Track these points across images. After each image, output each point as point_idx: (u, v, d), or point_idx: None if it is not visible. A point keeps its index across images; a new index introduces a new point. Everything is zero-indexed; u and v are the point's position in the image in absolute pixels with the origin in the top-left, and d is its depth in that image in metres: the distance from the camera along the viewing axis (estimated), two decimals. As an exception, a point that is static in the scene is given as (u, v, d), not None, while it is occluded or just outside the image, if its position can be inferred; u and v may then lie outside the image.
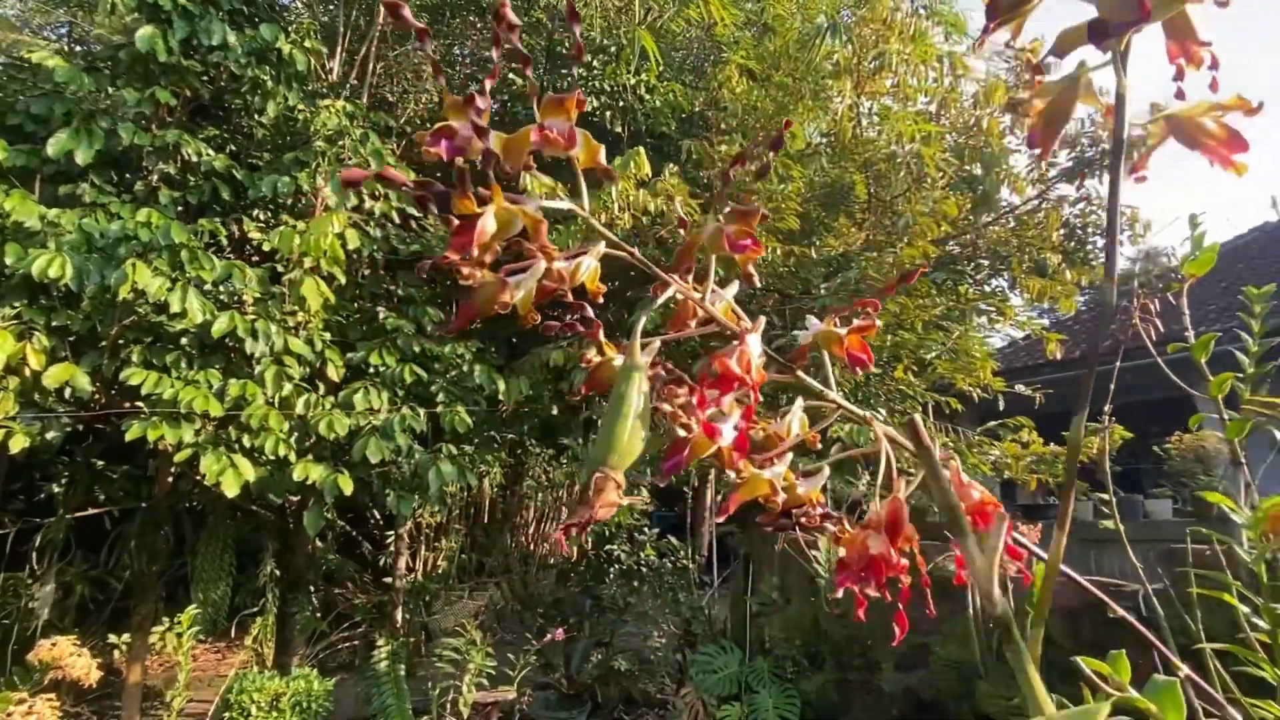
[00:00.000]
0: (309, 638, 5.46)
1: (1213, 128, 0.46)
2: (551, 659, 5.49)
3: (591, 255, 0.48)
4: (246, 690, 3.48)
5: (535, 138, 0.47)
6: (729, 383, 0.44)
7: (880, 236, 6.70)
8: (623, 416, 0.41)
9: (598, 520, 0.40)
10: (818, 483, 0.53)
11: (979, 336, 6.95)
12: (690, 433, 0.43)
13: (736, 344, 0.44)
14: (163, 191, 4.57)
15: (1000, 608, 0.41)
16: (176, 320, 3.98)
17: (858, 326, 0.53)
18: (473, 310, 0.45)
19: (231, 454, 3.89)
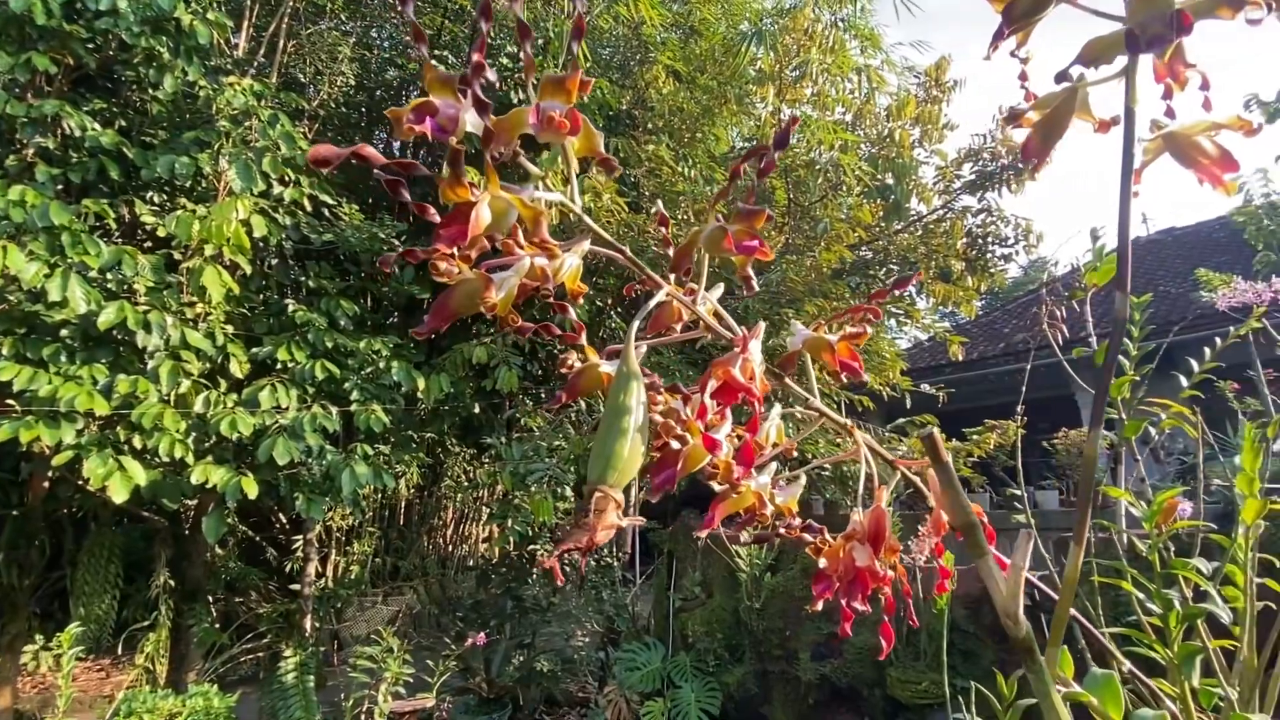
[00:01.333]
0: (207, 651, 5.10)
1: (1208, 147, 0.47)
2: (471, 663, 5.37)
3: (575, 253, 0.46)
4: (136, 711, 3.21)
5: (532, 120, 0.42)
6: (733, 393, 0.42)
7: (799, 240, 6.92)
8: (622, 431, 0.38)
9: (597, 544, 0.38)
10: (795, 492, 0.54)
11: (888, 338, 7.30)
12: (684, 444, 0.42)
13: (739, 352, 0.43)
14: (40, 168, 4.15)
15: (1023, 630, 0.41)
16: (56, 310, 3.63)
17: (850, 334, 0.53)
18: (449, 309, 0.42)
19: (120, 456, 3.58)
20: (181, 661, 4.98)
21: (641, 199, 7.05)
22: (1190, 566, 0.95)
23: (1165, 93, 0.46)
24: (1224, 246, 10.42)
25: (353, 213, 5.31)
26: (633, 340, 0.43)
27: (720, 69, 7.51)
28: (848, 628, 0.51)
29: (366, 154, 0.40)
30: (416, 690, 4.18)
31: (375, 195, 7.53)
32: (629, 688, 4.53)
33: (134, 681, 4.64)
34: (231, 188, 4.33)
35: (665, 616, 5.19)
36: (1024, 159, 0.46)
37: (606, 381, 0.44)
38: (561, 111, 0.41)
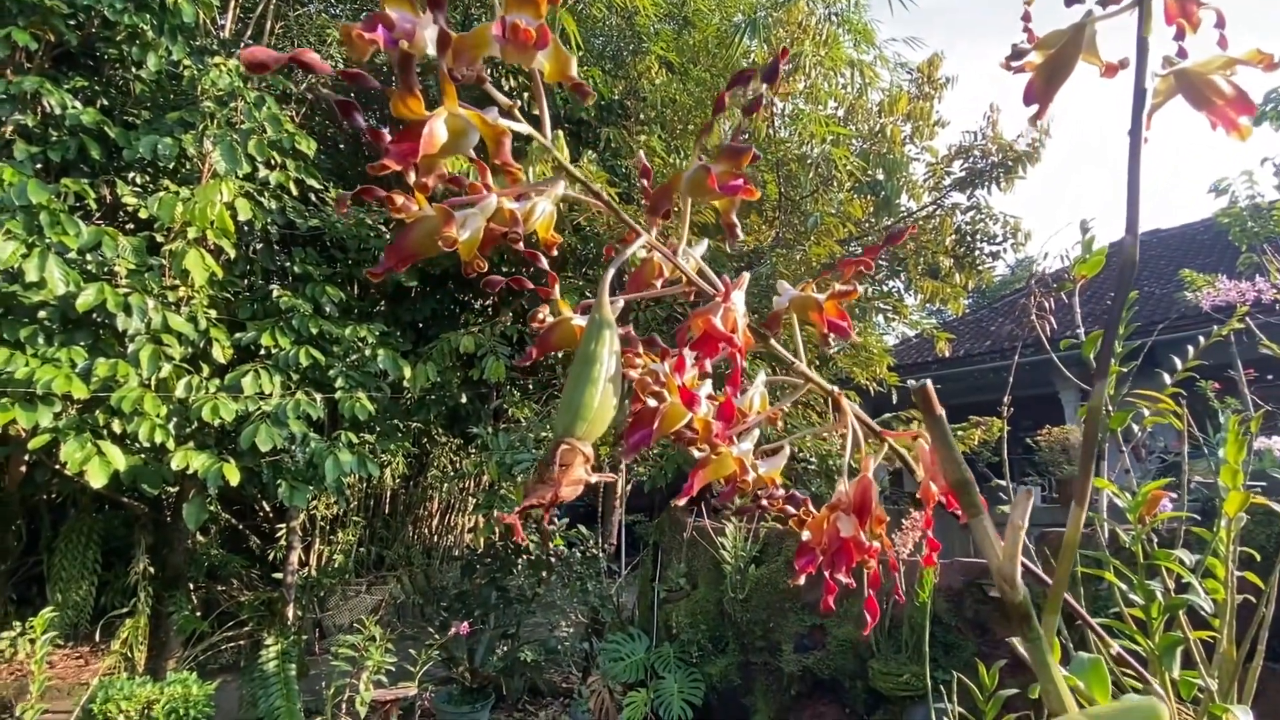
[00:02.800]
0: (187, 639, 5.06)
1: (1224, 86, 0.44)
2: (455, 653, 5.36)
3: (548, 198, 0.43)
4: (113, 699, 3.17)
5: (496, 31, 0.39)
6: (713, 344, 0.41)
7: (790, 234, 6.92)
8: (592, 380, 0.36)
9: (562, 500, 0.36)
10: (778, 464, 0.53)
11: (876, 334, 7.33)
12: (661, 402, 0.40)
13: (720, 301, 0.42)
14: (18, 145, 4.07)
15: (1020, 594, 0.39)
16: (33, 291, 3.56)
17: (839, 292, 0.51)
18: (407, 248, 0.40)
19: (99, 440, 3.52)
20: (161, 649, 4.93)
21: (633, 190, 7.02)
22: (1174, 558, 0.95)
23: (1178, 33, 0.44)
24: (1208, 248, 10.54)
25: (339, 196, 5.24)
26: (606, 286, 0.42)
27: (714, 61, 7.48)
28: (830, 600, 0.50)
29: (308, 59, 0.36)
30: (399, 679, 4.17)
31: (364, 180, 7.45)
32: (612, 678, 4.54)
33: (112, 668, 4.59)
34: (216, 170, 4.27)
35: (650, 608, 5.20)
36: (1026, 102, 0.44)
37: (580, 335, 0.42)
38: (530, 23, 0.38)
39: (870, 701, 3.45)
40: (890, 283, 7.54)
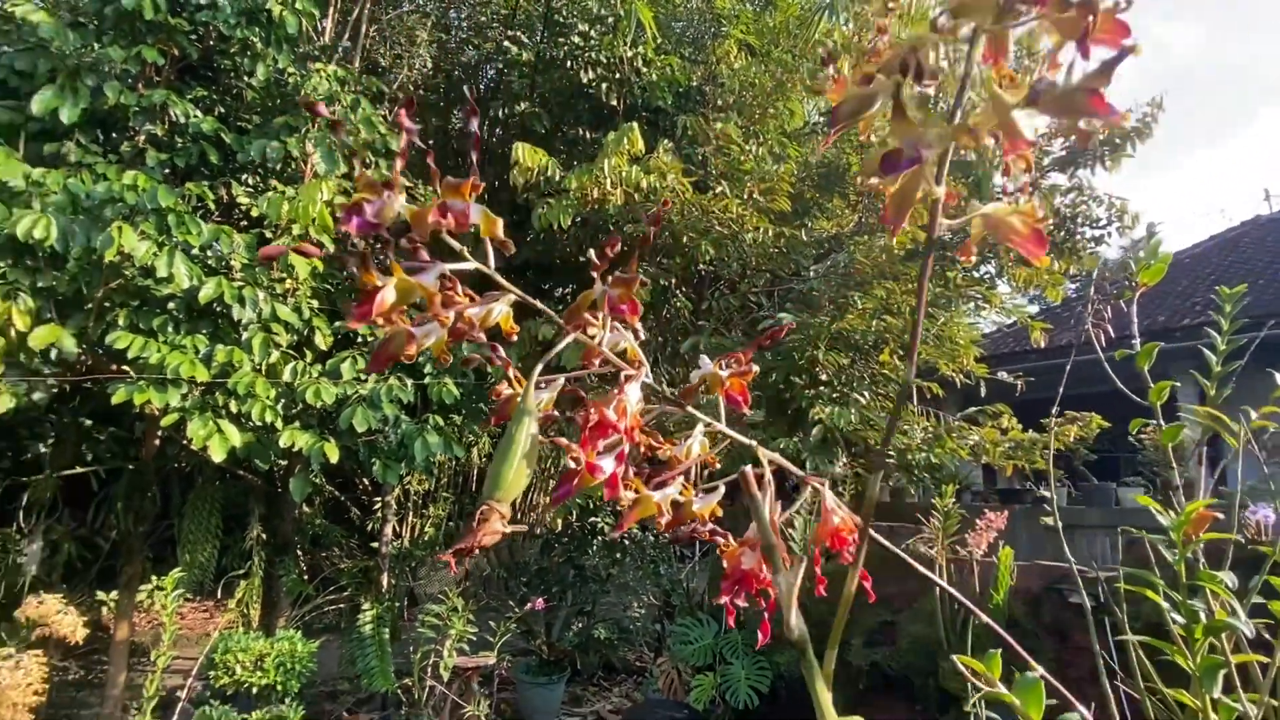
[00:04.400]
0: (295, 600, 5.56)
1: (1019, 225, 0.50)
2: (533, 626, 5.61)
3: (503, 303, 0.51)
4: (231, 650, 3.56)
5: (434, 217, 0.50)
6: (604, 429, 0.47)
7: (873, 219, 6.71)
8: (510, 457, 0.45)
9: (483, 547, 0.44)
10: (712, 500, 0.58)
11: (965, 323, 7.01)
12: (578, 465, 0.47)
13: (616, 391, 0.48)
14: (150, 153, 4.53)
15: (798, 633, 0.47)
16: (163, 284, 3.98)
17: (737, 372, 0.56)
18: (385, 355, 0.49)
19: (218, 419, 3.92)
20: (272, 608, 5.44)
21: (709, 178, 6.99)
22: (1218, 580, 0.93)
23: (1005, 170, 0.48)
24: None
25: (426, 193, 5.51)
26: (533, 380, 0.49)
27: (795, 41, 7.30)
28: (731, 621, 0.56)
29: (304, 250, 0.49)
30: (480, 649, 4.43)
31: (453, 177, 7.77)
32: (681, 660, 4.64)
33: (231, 623, 5.12)
34: (317, 170, 4.59)
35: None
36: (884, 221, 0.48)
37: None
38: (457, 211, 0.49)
39: (941, 701, 3.39)
40: (981, 269, 7.18)
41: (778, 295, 6.74)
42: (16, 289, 3.78)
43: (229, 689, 3.56)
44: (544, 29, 7.54)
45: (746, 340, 6.37)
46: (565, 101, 7.67)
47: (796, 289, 6.69)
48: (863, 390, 5.53)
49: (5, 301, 3.66)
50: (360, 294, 0.48)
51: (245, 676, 3.51)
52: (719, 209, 5.85)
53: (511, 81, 7.79)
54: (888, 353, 5.88)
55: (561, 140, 7.88)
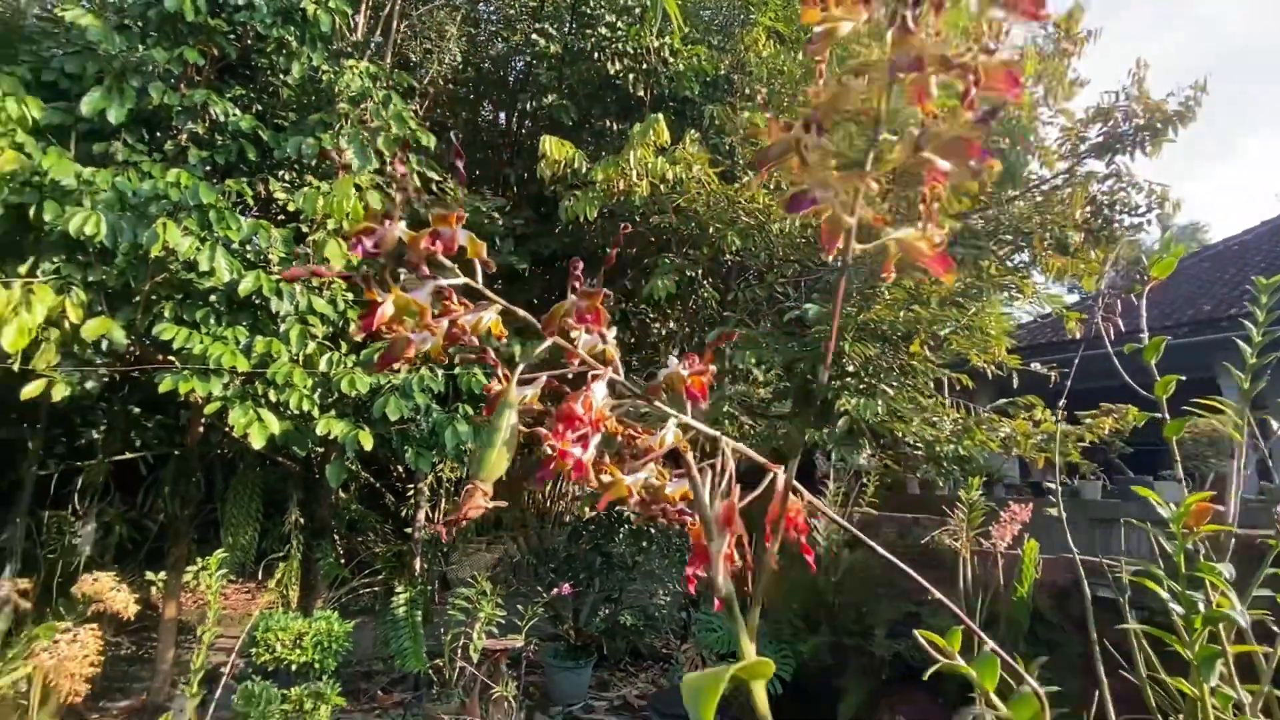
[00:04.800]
0: (331, 583, 5.75)
1: (925, 249, 0.56)
2: (561, 611, 5.72)
3: (491, 311, 0.56)
4: (272, 629, 3.73)
5: (426, 244, 0.55)
6: (572, 421, 0.52)
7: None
8: (493, 443, 0.50)
9: (468, 519, 0.50)
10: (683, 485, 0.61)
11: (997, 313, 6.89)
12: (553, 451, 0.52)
13: (585, 389, 0.52)
14: (191, 151, 4.69)
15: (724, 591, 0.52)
16: (205, 278, 4.14)
17: (696, 370, 0.60)
18: (389, 359, 0.54)
19: (258, 408, 4.07)
20: (310, 590, 5.65)
21: (736, 167, 6.97)
22: (1216, 571, 0.95)
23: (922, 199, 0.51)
24: None
25: (457, 189, 5.61)
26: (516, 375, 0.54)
27: (824, 29, 7.19)
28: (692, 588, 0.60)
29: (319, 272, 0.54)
30: (509, 632, 4.54)
31: (481, 170, 7.86)
32: (706, 647, 4.70)
33: (271, 603, 5.33)
34: (350, 165, 4.71)
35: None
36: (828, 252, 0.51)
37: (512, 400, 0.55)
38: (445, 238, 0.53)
39: (963, 693, 3.39)
40: (1015, 258, 7.04)
41: (805, 285, 6.71)
42: (70, 283, 3.98)
43: (270, 665, 3.72)
44: (572, 20, 7.57)
45: (775, 331, 6.36)
46: (592, 93, 7.70)
47: (825, 279, 6.64)
48: (890, 381, 5.49)
49: (60, 295, 3.84)
50: (367, 307, 0.54)
51: (285, 654, 3.67)
52: (745, 199, 5.84)
53: (539, 74, 7.85)
54: (918, 343, 5.82)
55: (589, 132, 7.92)
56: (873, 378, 5.54)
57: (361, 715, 4.74)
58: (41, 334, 3.79)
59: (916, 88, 0.44)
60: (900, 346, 5.92)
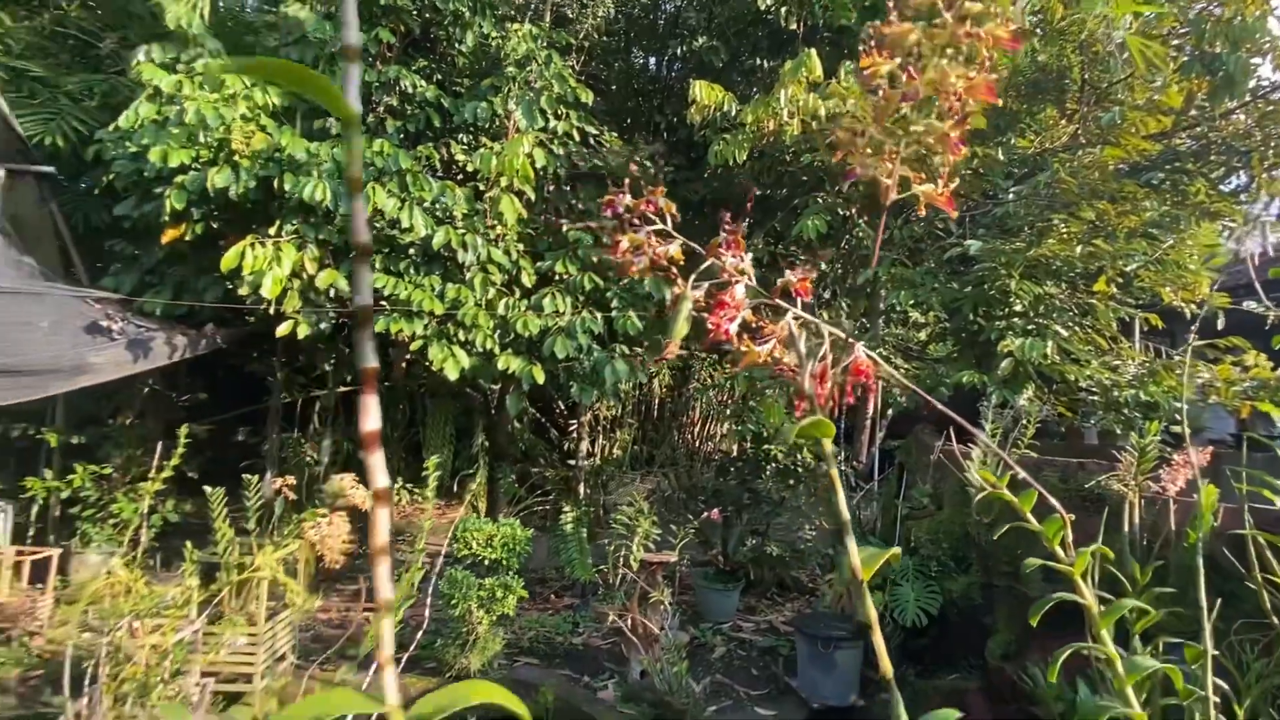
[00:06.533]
0: (510, 500, 6.57)
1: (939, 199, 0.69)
2: (710, 537, 6.12)
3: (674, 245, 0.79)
4: (469, 530, 4.45)
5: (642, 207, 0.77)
6: (724, 306, 0.74)
7: (1095, 129, 5.98)
8: (678, 319, 0.73)
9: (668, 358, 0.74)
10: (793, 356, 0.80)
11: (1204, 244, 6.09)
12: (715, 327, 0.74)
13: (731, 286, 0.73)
14: (389, 121, 5.37)
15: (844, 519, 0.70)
16: (405, 234, 4.81)
17: (802, 277, 0.78)
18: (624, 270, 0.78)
19: (451, 345, 4.74)
20: (494, 504, 6.50)
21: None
22: None
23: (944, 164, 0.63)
24: None
25: (612, 139, 5.92)
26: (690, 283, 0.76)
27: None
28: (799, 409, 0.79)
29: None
30: (663, 549, 4.99)
31: (633, 119, 8.10)
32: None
33: (464, 515, 6.23)
34: (518, 126, 5.16)
35: (893, 523, 5.35)
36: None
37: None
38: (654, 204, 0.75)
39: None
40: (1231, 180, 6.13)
41: (969, 221, 6.34)
42: (305, 241, 4.81)
43: (466, 560, 4.45)
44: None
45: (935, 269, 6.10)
46: (742, 30, 7.59)
47: (993, 213, 6.24)
48: (1064, 321, 5.13)
49: (299, 252, 4.68)
50: (612, 244, 0.79)
51: (479, 551, 4.37)
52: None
53: (689, 16, 7.86)
54: (1103, 280, 5.36)
55: (738, 71, 7.85)
56: (1042, 317, 5.21)
57: (538, 613, 5.48)
58: (287, 283, 4.65)
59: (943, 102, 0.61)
60: (1078, 284, 5.49)
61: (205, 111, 4.46)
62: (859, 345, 0.70)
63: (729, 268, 0.73)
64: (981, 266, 5.24)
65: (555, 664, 4.57)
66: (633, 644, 4.26)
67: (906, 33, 0.55)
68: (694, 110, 5.99)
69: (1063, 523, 0.94)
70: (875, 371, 0.76)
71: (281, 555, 3.70)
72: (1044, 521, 1.00)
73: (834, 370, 0.72)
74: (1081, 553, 0.93)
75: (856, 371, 0.74)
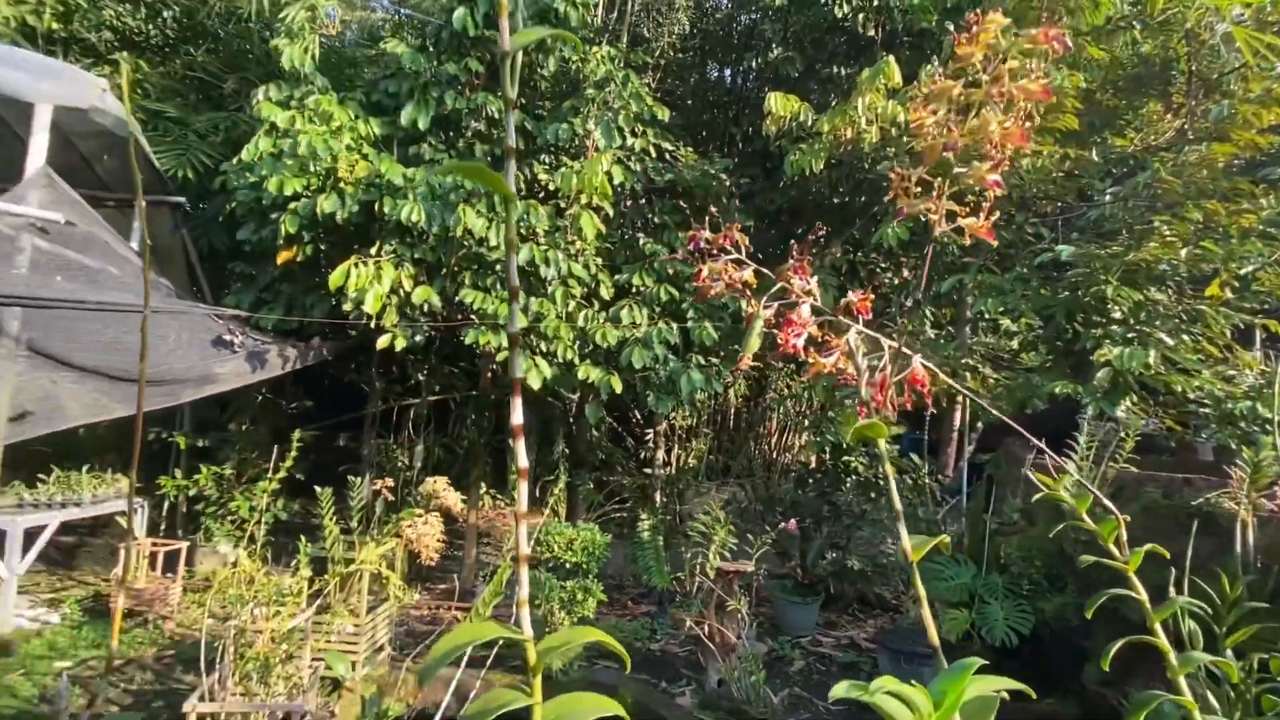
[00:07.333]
0: (589, 506, 6.74)
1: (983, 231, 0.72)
2: (788, 549, 6.07)
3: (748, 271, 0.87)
4: (551, 534, 4.63)
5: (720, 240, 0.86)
6: (792, 324, 0.82)
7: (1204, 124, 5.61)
8: (751, 335, 0.81)
9: (744, 367, 0.82)
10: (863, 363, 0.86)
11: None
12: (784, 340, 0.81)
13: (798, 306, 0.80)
14: (477, 145, 5.68)
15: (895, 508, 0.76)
16: (493, 251, 5.07)
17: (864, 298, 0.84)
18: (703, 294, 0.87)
19: (534, 356, 4.95)
20: (574, 510, 6.69)
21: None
22: None
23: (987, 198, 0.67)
24: None
25: (687, 154, 6.03)
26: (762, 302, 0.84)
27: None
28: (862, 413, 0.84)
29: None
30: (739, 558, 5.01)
31: (708, 132, 8.20)
32: (934, 595, 4.73)
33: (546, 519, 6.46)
34: (597, 145, 5.35)
35: (981, 538, 5.16)
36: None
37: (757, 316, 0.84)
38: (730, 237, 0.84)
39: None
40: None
41: (1061, 224, 6.07)
42: (401, 260, 5.16)
43: (549, 562, 4.63)
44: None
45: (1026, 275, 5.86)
46: (818, 39, 7.57)
47: (1087, 216, 5.95)
48: (1168, 328, 4.84)
49: (396, 270, 5.02)
50: (695, 272, 0.88)
51: (560, 554, 4.54)
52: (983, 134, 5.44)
53: (764, 28, 7.90)
54: (1216, 285, 5.03)
55: (814, 80, 7.82)
56: (1144, 324, 4.93)
57: (616, 618, 5.60)
58: (386, 299, 5.00)
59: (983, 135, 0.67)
60: (1184, 289, 5.16)
61: (316, 144, 4.88)
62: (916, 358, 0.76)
63: (796, 289, 0.81)
64: (1075, 272, 5.02)
65: (633, 668, 4.67)
66: (710, 652, 4.31)
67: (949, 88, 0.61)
68: (769, 121, 6.02)
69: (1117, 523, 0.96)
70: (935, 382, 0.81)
71: (381, 552, 3.97)
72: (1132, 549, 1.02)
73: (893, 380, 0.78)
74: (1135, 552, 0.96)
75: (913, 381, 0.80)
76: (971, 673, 0.59)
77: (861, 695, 0.57)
